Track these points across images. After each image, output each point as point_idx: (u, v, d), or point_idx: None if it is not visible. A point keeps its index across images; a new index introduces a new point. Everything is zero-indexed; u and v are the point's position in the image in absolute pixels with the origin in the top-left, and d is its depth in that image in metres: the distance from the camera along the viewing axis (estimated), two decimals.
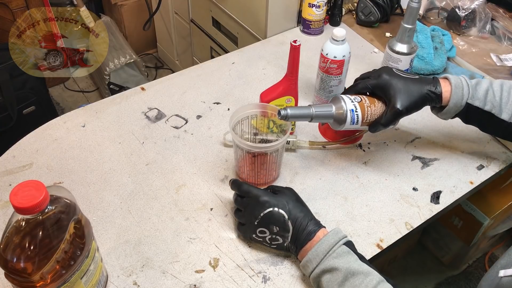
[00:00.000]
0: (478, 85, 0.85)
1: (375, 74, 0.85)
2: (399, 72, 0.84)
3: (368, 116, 0.83)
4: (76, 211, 0.61)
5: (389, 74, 0.83)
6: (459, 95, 0.83)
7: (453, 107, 0.84)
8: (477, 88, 0.84)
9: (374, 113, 0.83)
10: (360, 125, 0.83)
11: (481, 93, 0.84)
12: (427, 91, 0.82)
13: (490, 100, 0.83)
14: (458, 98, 0.83)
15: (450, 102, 0.83)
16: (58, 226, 0.58)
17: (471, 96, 0.83)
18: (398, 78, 0.82)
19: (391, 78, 0.82)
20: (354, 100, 0.82)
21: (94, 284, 0.67)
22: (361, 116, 0.82)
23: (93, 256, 0.64)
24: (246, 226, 0.77)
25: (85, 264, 0.62)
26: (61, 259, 0.58)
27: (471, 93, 0.83)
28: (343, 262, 0.68)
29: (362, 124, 0.83)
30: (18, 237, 0.56)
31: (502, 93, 0.84)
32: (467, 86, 0.84)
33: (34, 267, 0.56)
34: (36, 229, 0.56)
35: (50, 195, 0.56)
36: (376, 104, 0.83)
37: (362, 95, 0.84)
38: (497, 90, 0.84)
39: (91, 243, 0.63)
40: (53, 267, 0.58)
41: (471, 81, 0.85)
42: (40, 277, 0.57)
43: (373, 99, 0.84)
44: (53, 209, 0.58)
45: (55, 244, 0.57)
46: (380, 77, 0.83)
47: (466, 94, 0.83)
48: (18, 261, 0.56)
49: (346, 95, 0.84)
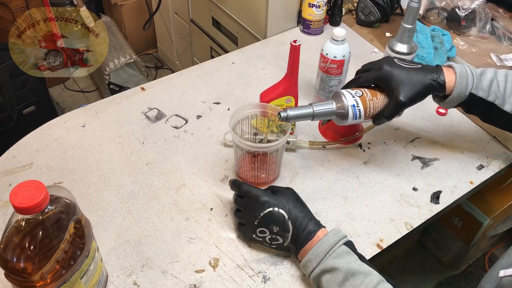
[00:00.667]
0: (482, 75, 0.83)
1: (376, 65, 0.84)
2: (400, 62, 0.83)
3: (370, 109, 0.82)
4: (76, 211, 0.61)
5: (391, 65, 0.82)
6: (464, 84, 0.81)
7: (457, 97, 0.82)
8: (482, 78, 0.82)
9: (377, 106, 0.82)
10: (364, 119, 0.83)
11: (486, 83, 0.82)
12: (430, 81, 0.81)
13: (494, 91, 0.82)
14: (462, 88, 0.82)
15: (453, 91, 0.82)
16: (58, 226, 0.58)
17: (475, 86, 0.82)
18: (400, 68, 0.81)
19: (392, 69, 0.81)
20: (356, 95, 0.81)
21: (94, 284, 0.67)
22: (363, 111, 0.81)
23: (93, 256, 0.64)
24: (246, 226, 0.77)
25: (85, 264, 0.62)
26: (61, 259, 0.58)
27: (476, 83, 0.82)
28: (343, 262, 0.68)
29: (365, 118, 0.82)
30: (18, 237, 0.56)
31: (506, 84, 0.83)
32: (472, 76, 0.82)
33: (34, 267, 0.56)
34: (36, 229, 0.56)
35: (50, 195, 0.56)
36: (378, 96, 0.82)
37: (363, 88, 0.83)
38: (501, 80, 0.83)
39: (91, 243, 0.63)
40: (53, 267, 0.58)
41: (475, 70, 0.83)
42: (40, 277, 0.57)
43: (375, 92, 0.83)
44: (53, 209, 0.58)
45: (55, 244, 0.57)
46: (382, 69, 0.81)
47: (471, 84, 0.82)
48: (18, 261, 0.56)
49: (347, 89, 0.83)
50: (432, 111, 1.08)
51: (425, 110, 1.08)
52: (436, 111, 1.08)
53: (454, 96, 0.82)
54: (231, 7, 1.44)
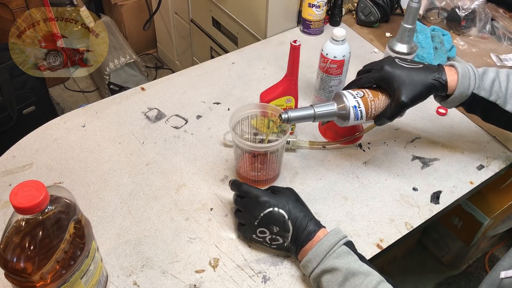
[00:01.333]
0: (485, 74, 0.83)
1: (377, 66, 0.83)
2: (402, 62, 0.82)
3: (372, 110, 0.81)
4: (76, 211, 0.61)
5: (392, 65, 0.81)
6: (466, 84, 0.81)
7: (458, 97, 0.82)
8: (484, 78, 0.82)
9: (378, 107, 0.82)
10: (365, 120, 0.82)
11: (488, 83, 0.82)
12: (432, 81, 0.80)
13: (496, 91, 0.82)
14: (464, 88, 0.81)
15: (456, 91, 0.82)
16: (58, 226, 0.58)
17: (477, 86, 0.82)
18: (401, 69, 0.81)
19: (394, 69, 0.81)
20: (357, 96, 0.81)
21: (94, 284, 0.67)
22: (364, 112, 0.81)
23: (93, 256, 0.64)
24: (246, 226, 0.77)
25: (85, 264, 0.62)
26: (61, 259, 0.58)
27: (478, 83, 0.82)
28: (343, 262, 0.68)
29: (367, 119, 0.82)
30: (18, 237, 0.56)
31: (508, 84, 0.83)
32: (474, 76, 0.82)
33: (34, 267, 0.56)
34: (36, 229, 0.56)
35: (50, 195, 0.56)
36: (379, 97, 0.82)
37: (365, 89, 0.83)
38: (503, 80, 0.83)
39: (91, 243, 0.63)
40: (53, 267, 0.58)
41: (477, 70, 0.83)
42: (40, 277, 0.57)
43: (377, 92, 0.83)
44: (53, 209, 0.58)
45: (55, 244, 0.57)
46: (383, 69, 0.81)
47: (473, 84, 0.81)
48: (18, 261, 0.56)
49: (348, 90, 0.83)
50: (432, 111, 1.08)
51: (425, 110, 1.08)
52: (436, 111, 1.08)
53: (456, 96, 0.82)
54: (231, 7, 1.44)
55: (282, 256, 0.79)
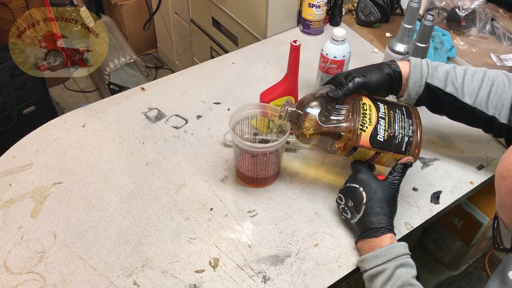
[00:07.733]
0: (439, 66, 0.84)
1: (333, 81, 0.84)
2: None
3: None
4: None
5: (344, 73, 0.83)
6: (418, 73, 0.83)
7: (413, 87, 0.83)
8: (438, 69, 0.84)
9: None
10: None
11: (441, 74, 0.83)
12: (384, 65, 0.83)
13: (451, 82, 0.83)
14: (416, 76, 0.82)
15: (409, 81, 0.83)
16: None
17: (430, 75, 0.83)
18: (357, 70, 0.83)
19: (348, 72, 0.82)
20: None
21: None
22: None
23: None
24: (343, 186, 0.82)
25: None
26: None
27: (430, 72, 0.83)
28: (405, 271, 0.71)
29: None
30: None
31: (465, 77, 0.83)
32: (427, 66, 0.83)
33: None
34: None
35: None
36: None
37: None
38: (459, 73, 0.84)
39: None
40: None
41: (432, 62, 0.85)
42: None
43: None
44: None
45: None
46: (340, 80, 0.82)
47: (425, 73, 0.83)
48: None
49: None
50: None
51: (425, 110, 1.07)
52: None
53: (410, 86, 0.83)
54: (231, 7, 1.44)
55: (282, 256, 0.79)
